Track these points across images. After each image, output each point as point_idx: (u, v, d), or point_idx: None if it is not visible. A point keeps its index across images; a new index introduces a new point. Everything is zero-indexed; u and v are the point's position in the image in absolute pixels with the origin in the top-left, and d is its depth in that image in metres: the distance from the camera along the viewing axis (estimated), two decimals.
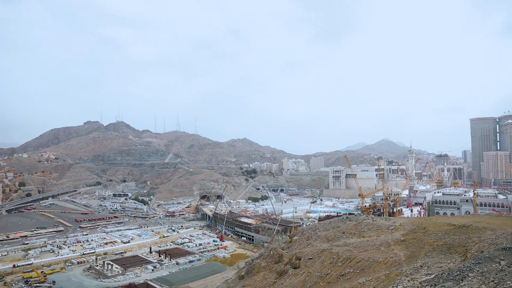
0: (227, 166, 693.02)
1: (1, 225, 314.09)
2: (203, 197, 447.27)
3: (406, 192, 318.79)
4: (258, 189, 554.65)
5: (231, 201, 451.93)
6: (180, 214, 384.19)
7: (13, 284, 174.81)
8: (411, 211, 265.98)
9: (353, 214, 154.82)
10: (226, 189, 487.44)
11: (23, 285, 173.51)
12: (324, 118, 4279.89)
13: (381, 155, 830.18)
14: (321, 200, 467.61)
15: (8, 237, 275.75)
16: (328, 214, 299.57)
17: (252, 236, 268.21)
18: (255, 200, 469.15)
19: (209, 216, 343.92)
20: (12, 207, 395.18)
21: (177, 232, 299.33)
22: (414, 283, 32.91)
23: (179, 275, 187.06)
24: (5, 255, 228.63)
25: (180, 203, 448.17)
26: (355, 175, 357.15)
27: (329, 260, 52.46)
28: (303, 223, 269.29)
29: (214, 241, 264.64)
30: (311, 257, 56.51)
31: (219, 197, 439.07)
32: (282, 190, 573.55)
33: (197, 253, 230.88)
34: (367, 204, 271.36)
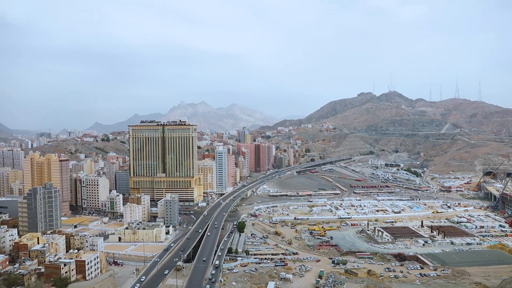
0: None
1: (293, 184, 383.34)
2: (487, 173, 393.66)
3: None
4: None
5: None
6: (457, 190, 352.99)
7: (302, 233, 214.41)
8: None
9: None
10: None
11: (308, 235, 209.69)
12: None
13: None
14: None
15: (298, 194, 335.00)
16: None
17: None
18: None
19: (495, 196, 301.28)
20: (300, 170, 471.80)
21: (453, 209, 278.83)
22: None
23: (453, 256, 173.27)
24: (295, 208, 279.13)
25: (458, 178, 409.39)
26: None
27: None
28: None
29: (500, 225, 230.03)
30: None
31: (509, 175, 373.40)
32: None
33: (477, 236, 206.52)
34: None
